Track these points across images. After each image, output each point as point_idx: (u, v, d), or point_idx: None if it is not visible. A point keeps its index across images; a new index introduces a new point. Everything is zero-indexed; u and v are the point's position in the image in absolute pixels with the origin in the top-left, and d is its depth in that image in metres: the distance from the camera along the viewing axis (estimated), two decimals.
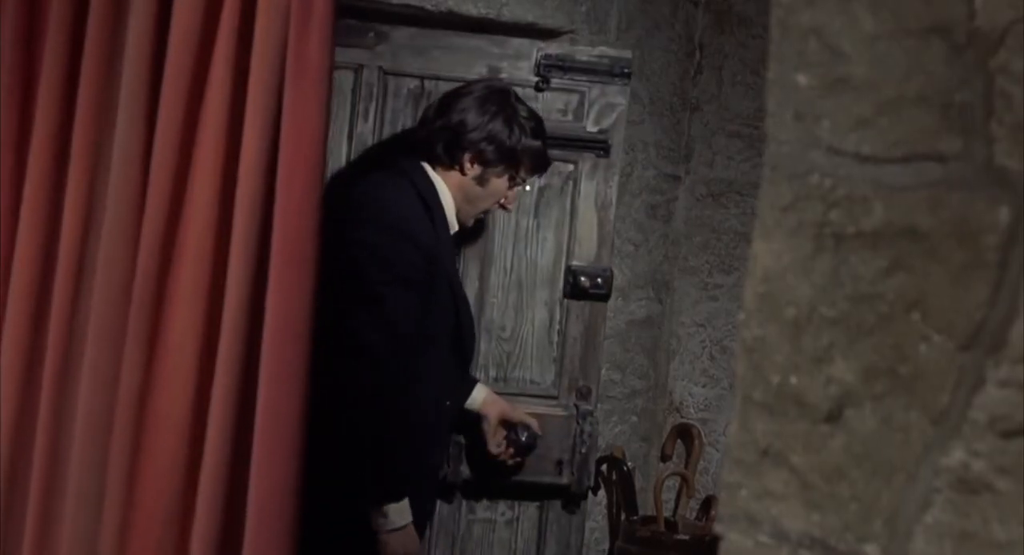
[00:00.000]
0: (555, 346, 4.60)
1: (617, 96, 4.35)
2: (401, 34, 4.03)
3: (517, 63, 4.20)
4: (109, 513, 2.54)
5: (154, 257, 2.50)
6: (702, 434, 5.18)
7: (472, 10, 4.06)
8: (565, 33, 4.30)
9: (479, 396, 4.32)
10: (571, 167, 4.45)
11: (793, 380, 1.67)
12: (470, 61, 4.11)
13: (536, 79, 4.25)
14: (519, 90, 4.06)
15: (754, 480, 1.72)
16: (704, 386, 5.42)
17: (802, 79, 1.68)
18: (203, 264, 2.52)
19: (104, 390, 2.55)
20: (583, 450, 4.59)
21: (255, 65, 2.49)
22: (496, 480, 4.54)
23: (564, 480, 4.64)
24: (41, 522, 2.64)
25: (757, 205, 1.75)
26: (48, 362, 2.61)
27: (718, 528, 1.78)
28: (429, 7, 3.99)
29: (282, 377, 2.49)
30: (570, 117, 4.34)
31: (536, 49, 4.16)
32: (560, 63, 4.19)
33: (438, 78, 4.11)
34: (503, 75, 4.16)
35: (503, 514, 4.64)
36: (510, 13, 4.14)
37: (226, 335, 2.49)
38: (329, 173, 3.96)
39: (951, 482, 1.55)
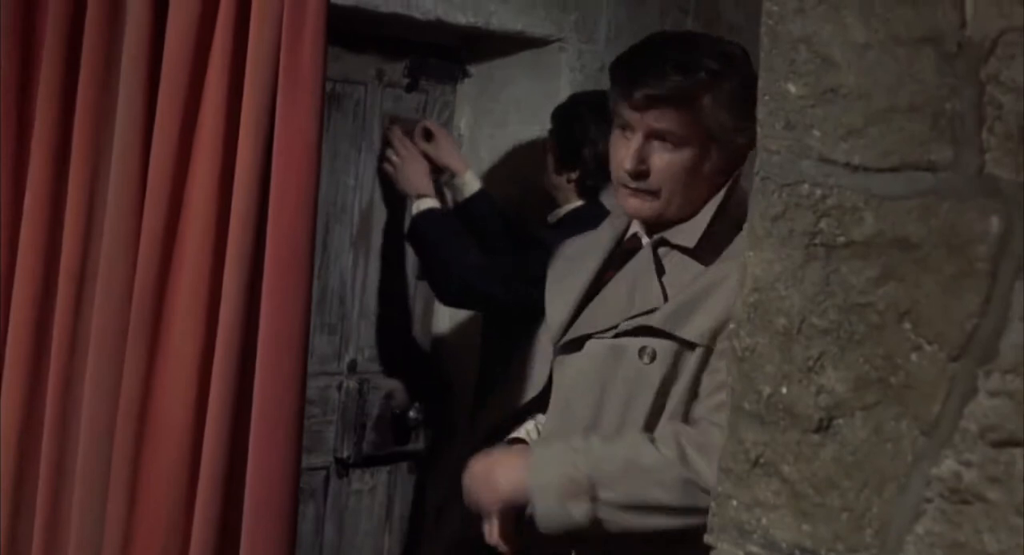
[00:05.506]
0: None
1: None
2: None
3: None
4: (112, 520, 2.54)
5: (152, 266, 2.50)
6: None
7: (461, 19, 4.05)
8: (554, 42, 4.30)
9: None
10: None
11: (784, 390, 1.67)
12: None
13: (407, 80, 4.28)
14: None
15: (744, 490, 1.71)
16: None
17: (792, 88, 1.68)
18: (200, 272, 2.51)
19: (105, 398, 2.55)
20: None
21: (249, 74, 2.48)
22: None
23: None
24: (47, 529, 2.65)
25: (748, 215, 1.75)
26: (51, 370, 2.61)
27: (708, 539, 1.78)
28: (418, 16, 3.98)
29: (278, 383, 2.48)
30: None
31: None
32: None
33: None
34: (386, 77, 4.18)
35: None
36: (498, 22, 4.14)
37: (222, 343, 2.49)
38: None
39: (942, 492, 1.55)
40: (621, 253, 2.89)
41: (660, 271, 2.78)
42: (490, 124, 4.49)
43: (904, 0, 1.58)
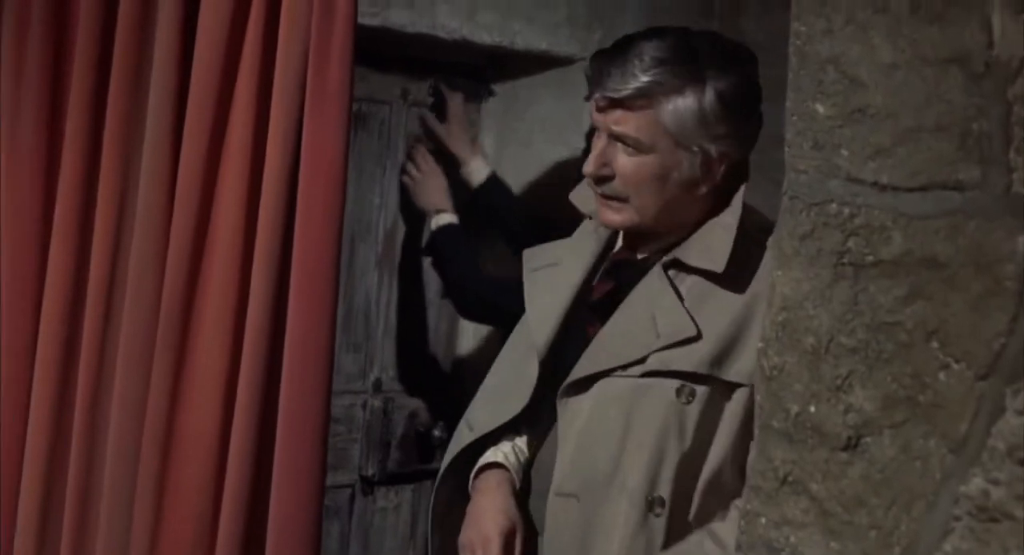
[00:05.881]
0: None
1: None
2: None
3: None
4: (138, 534, 2.55)
5: (179, 280, 2.52)
6: None
7: (486, 38, 4.06)
8: (579, 60, 4.31)
9: None
10: None
11: (812, 408, 1.68)
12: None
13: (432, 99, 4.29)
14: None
15: (773, 508, 1.72)
16: None
17: (820, 108, 1.69)
18: (227, 287, 2.53)
19: (132, 412, 2.56)
20: None
21: (277, 89, 2.50)
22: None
23: None
24: (74, 542, 2.66)
25: (775, 233, 1.76)
26: (79, 385, 2.62)
27: None
28: (443, 36, 4.00)
29: (304, 399, 2.50)
30: None
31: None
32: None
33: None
34: (411, 96, 4.20)
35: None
36: (523, 41, 4.15)
37: (248, 357, 2.51)
38: None
39: (970, 510, 1.55)
40: (610, 266, 2.69)
41: (679, 296, 2.56)
42: (515, 143, 4.50)
43: (931, 21, 1.59)
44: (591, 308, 2.65)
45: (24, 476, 2.65)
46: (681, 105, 2.52)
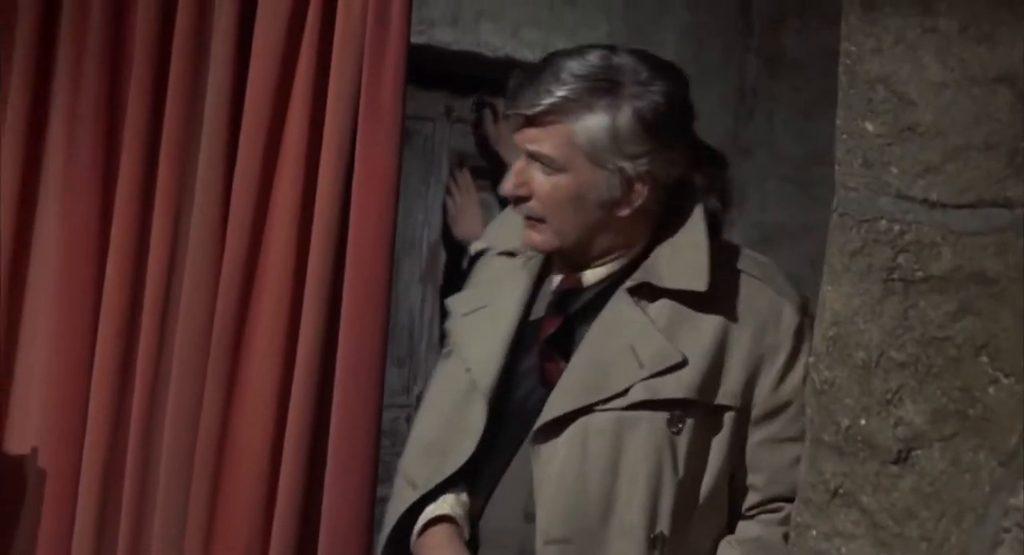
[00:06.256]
0: None
1: None
2: None
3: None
4: (191, 547, 2.57)
5: (232, 299, 2.54)
6: None
7: (529, 56, 4.09)
8: None
9: None
10: None
11: (863, 422, 1.70)
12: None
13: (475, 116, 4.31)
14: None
15: (824, 521, 1.74)
16: None
17: (870, 126, 1.71)
18: (280, 305, 2.55)
19: (186, 428, 2.58)
20: None
21: (330, 109, 2.52)
22: None
23: None
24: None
25: (825, 250, 1.78)
26: (135, 401, 2.64)
27: None
28: (487, 53, 4.04)
29: (355, 413, 2.52)
30: None
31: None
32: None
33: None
34: (454, 113, 4.22)
35: None
36: None
37: (300, 373, 2.53)
38: None
39: (1020, 522, 1.57)
40: (556, 299, 2.49)
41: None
42: None
43: (980, 41, 1.62)
44: (547, 344, 2.46)
45: (81, 487, 2.68)
46: (593, 123, 2.37)
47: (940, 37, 1.64)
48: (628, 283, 2.42)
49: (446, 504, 2.44)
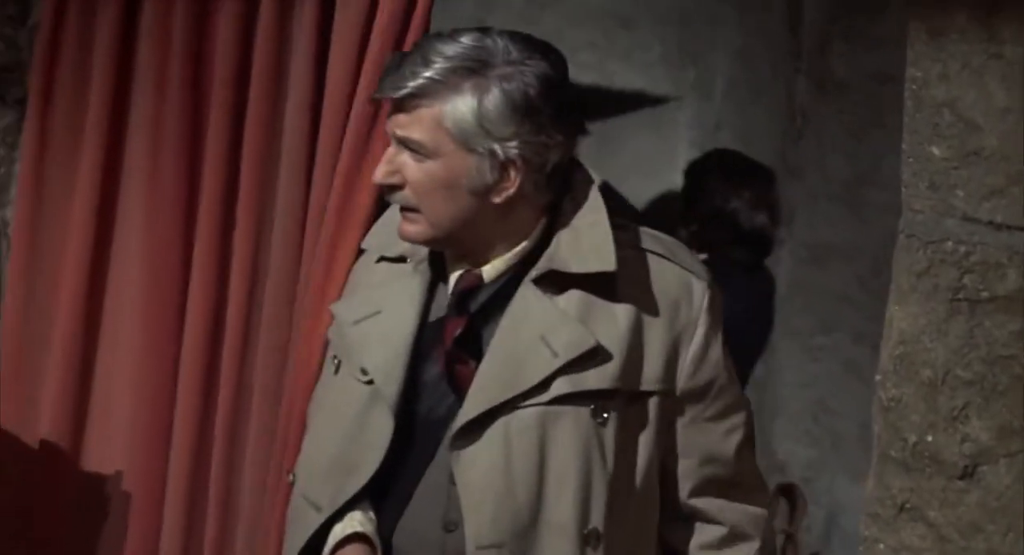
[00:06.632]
0: None
1: None
2: None
3: None
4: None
5: (308, 318, 2.58)
6: (804, 493, 5.18)
7: (584, 79, 4.15)
8: (673, 100, 4.39)
9: None
10: None
11: (929, 438, 1.74)
12: None
13: None
14: None
15: (891, 535, 1.77)
16: (807, 446, 5.42)
17: (936, 150, 1.75)
18: None
19: (267, 448, 2.62)
20: None
21: None
22: None
23: None
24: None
25: (892, 271, 1.82)
26: (219, 420, 2.66)
27: None
28: None
29: None
30: None
31: None
32: None
33: None
34: None
35: None
36: (621, 81, 4.24)
37: None
38: None
39: None
40: (455, 300, 2.37)
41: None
42: (610, 180, 4.57)
43: None
44: (456, 346, 2.35)
45: (168, 496, 2.70)
46: (461, 105, 2.26)
47: (1005, 63, 1.68)
48: (533, 273, 2.33)
49: (355, 521, 2.35)
